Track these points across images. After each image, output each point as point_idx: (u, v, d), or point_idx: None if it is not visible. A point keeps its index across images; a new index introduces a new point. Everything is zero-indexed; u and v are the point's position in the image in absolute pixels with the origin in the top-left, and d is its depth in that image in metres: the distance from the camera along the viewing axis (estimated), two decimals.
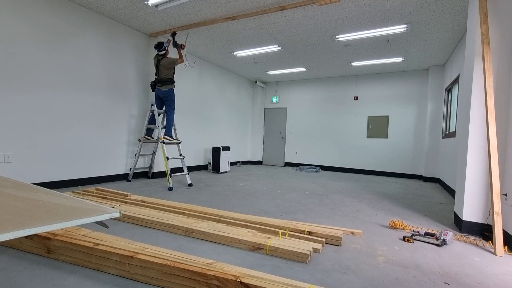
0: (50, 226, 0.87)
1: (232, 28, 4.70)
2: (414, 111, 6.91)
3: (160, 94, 4.63)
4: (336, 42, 5.10)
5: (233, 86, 7.97)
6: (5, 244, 1.94)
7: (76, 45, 4.03)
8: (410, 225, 2.75)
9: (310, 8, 3.87)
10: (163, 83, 4.57)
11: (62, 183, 3.92)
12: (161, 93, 4.61)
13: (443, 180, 5.60)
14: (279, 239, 2.15)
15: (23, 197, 1.20)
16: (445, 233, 2.38)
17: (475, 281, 1.76)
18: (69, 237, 1.82)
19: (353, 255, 2.09)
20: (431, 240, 2.38)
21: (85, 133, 4.20)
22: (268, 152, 9.06)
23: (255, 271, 1.54)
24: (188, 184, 4.62)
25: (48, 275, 1.59)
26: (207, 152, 6.94)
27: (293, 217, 3.01)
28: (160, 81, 4.58)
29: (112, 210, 1.08)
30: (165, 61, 4.53)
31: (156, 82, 4.62)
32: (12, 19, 3.34)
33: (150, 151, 5.27)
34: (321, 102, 8.14)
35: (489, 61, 2.47)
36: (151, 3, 3.88)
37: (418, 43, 5.04)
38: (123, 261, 1.60)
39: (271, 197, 3.99)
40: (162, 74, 4.56)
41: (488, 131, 2.42)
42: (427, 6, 3.70)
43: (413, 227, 2.72)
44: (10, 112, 3.37)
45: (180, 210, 2.86)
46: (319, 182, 5.69)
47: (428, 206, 3.84)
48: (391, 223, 2.80)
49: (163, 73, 4.55)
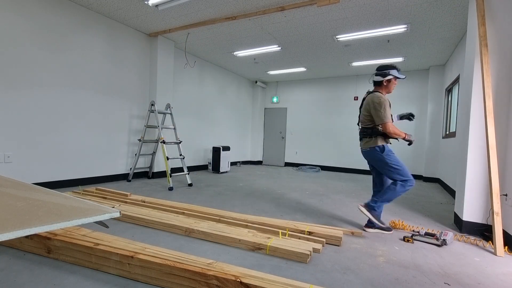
0: (50, 226, 0.87)
1: (232, 28, 4.70)
2: (414, 111, 6.90)
3: (364, 155, 2.72)
4: (336, 42, 5.10)
5: (233, 86, 7.97)
6: (5, 244, 1.94)
7: (76, 45, 4.03)
8: (410, 225, 2.75)
9: (310, 8, 3.87)
10: (362, 135, 2.66)
11: (62, 183, 3.92)
12: (364, 154, 2.69)
13: (443, 180, 5.59)
14: (279, 239, 2.15)
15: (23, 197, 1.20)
16: (445, 233, 2.38)
17: (475, 281, 1.76)
18: (69, 237, 1.82)
19: (353, 255, 2.09)
20: (431, 240, 2.38)
21: (85, 133, 4.20)
22: (268, 152, 9.06)
23: (255, 271, 1.54)
24: (188, 184, 4.62)
25: (48, 275, 1.59)
26: (207, 152, 6.94)
27: (293, 217, 3.00)
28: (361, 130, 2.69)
29: (112, 210, 1.08)
30: (370, 99, 2.57)
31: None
32: (12, 19, 3.34)
33: (150, 151, 5.27)
34: (321, 102, 8.14)
35: (487, 62, 2.48)
36: (151, 3, 3.88)
37: (418, 43, 5.04)
38: (123, 261, 1.60)
39: (271, 197, 3.99)
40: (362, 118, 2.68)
41: (487, 131, 2.43)
42: (427, 6, 3.70)
43: (413, 227, 2.72)
44: (10, 111, 3.37)
45: (180, 210, 2.86)
46: (319, 182, 5.68)
47: (428, 206, 3.84)
48: (391, 223, 2.80)
49: (362, 118, 2.68)
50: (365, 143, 2.62)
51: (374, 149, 2.55)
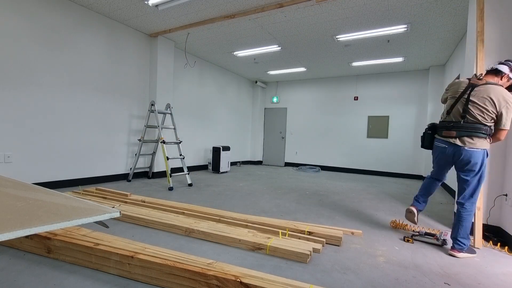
0: (50, 226, 0.87)
1: (232, 28, 4.70)
2: (414, 111, 6.90)
3: (461, 155, 2.16)
4: (336, 42, 5.10)
5: (233, 86, 7.97)
6: (5, 244, 1.94)
7: (76, 44, 4.03)
8: (410, 225, 2.75)
9: (310, 8, 3.86)
10: (471, 132, 2.12)
11: (62, 183, 3.92)
12: (465, 153, 2.14)
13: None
14: (279, 239, 2.15)
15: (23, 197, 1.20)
16: (445, 233, 2.38)
17: (475, 281, 1.76)
18: (69, 237, 1.82)
19: (353, 255, 2.09)
20: (431, 240, 2.38)
21: (85, 133, 4.20)
22: (268, 152, 9.06)
23: (255, 271, 1.54)
24: (188, 184, 4.62)
25: (48, 275, 1.59)
26: (207, 152, 6.94)
27: (293, 217, 3.00)
28: (456, 126, 2.19)
29: (112, 210, 1.08)
30: (500, 93, 2.06)
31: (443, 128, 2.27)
32: (11, 18, 3.34)
33: (150, 151, 5.27)
34: (322, 102, 8.14)
35: (482, 58, 2.48)
36: (151, 3, 3.88)
37: (418, 43, 5.04)
38: (123, 261, 1.60)
39: (271, 197, 3.99)
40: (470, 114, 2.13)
41: None
42: (427, 6, 3.70)
43: (413, 227, 2.72)
44: (10, 111, 3.37)
45: (180, 210, 2.86)
46: (319, 182, 5.68)
47: (428, 206, 3.83)
48: (392, 223, 2.80)
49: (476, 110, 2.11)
50: (475, 142, 2.08)
51: (485, 152, 2.09)
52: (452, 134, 2.18)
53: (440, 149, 2.27)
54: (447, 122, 2.24)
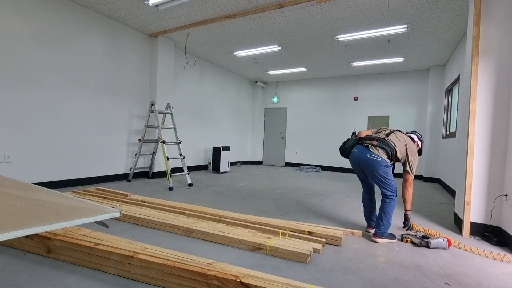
0: (50, 226, 0.87)
1: (232, 28, 4.70)
2: (414, 111, 6.90)
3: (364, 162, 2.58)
4: (336, 42, 5.10)
5: (233, 86, 7.97)
6: (5, 244, 1.94)
7: (76, 44, 4.03)
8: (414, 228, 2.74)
9: (310, 8, 3.86)
10: (382, 146, 2.43)
11: (62, 183, 3.92)
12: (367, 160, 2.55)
13: (443, 181, 5.59)
14: (279, 239, 2.15)
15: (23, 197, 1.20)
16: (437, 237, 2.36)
17: (476, 282, 1.76)
18: (69, 237, 1.82)
19: (353, 255, 2.09)
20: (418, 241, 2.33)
21: (85, 133, 4.20)
22: (268, 152, 9.06)
23: (255, 271, 1.54)
24: (188, 184, 4.62)
25: (48, 275, 1.59)
26: (207, 152, 6.94)
27: (293, 217, 3.00)
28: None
29: (112, 210, 1.08)
30: (411, 144, 2.48)
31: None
32: (11, 18, 3.34)
33: (151, 151, 5.27)
34: (322, 102, 8.14)
35: (477, 63, 2.58)
36: (151, 3, 3.88)
37: (418, 43, 5.04)
38: (123, 261, 1.60)
39: (271, 197, 3.99)
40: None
41: (468, 132, 2.64)
42: (428, 6, 3.69)
43: (418, 227, 2.73)
44: (10, 111, 3.37)
45: (180, 210, 2.86)
46: (319, 182, 5.68)
47: (428, 206, 3.83)
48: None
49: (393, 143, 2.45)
50: (379, 153, 2.42)
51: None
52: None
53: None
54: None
